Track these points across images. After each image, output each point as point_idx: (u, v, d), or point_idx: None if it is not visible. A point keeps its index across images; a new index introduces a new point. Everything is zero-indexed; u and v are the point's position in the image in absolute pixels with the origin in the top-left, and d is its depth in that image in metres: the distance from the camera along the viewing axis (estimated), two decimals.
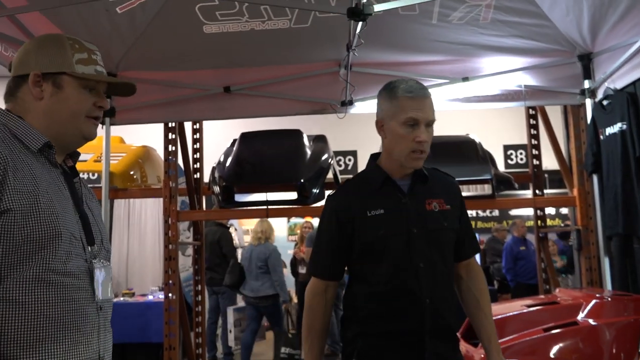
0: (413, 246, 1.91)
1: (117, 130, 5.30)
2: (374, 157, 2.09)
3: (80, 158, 1.63)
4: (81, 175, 1.60)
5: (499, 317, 3.16)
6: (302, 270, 7.50)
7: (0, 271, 1.28)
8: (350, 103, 4.40)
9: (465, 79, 4.31)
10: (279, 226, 9.96)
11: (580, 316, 3.06)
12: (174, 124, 4.80)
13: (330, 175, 4.88)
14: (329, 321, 2.05)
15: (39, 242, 1.31)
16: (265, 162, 4.68)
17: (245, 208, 4.90)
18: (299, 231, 8.04)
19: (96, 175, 5.63)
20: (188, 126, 5.44)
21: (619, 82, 3.82)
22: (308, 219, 9.59)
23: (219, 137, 6.65)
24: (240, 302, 7.29)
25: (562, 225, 9.84)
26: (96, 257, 1.46)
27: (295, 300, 7.99)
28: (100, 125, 1.66)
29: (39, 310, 1.30)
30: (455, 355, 2.01)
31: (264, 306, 6.43)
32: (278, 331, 6.66)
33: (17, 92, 1.46)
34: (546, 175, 6.11)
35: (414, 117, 1.90)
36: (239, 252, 7.61)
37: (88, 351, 1.39)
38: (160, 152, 5.22)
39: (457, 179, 2.15)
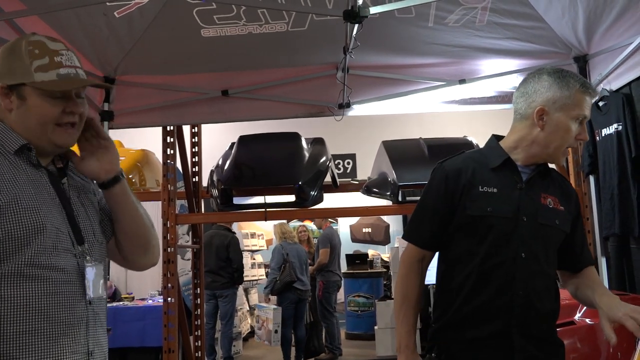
0: (519, 234, 1.84)
1: (115, 134, 5.29)
2: (497, 138, 2.03)
3: None
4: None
5: None
6: None
7: None
8: (348, 106, 4.41)
9: (462, 81, 4.32)
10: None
11: (577, 316, 3.07)
12: (172, 128, 4.81)
13: (328, 178, 4.89)
14: (422, 291, 1.98)
15: (21, 239, 1.33)
16: (264, 164, 4.68)
17: (243, 211, 4.91)
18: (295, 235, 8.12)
19: None
20: (186, 130, 5.45)
21: (615, 83, 3.84)
22: (307, 222, 9.63)
23: (217, 141, 6.67)
24: (240, 305, 7.35)
25: None
26: (86, 254, 1.46)
27: None
28: None
29: (22, 304, 1.32)
30: None
31: (305, 298, 7.18)
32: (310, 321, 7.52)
33: None
34: None
35: (586, 115, 1.85)
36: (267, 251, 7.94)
37: (74, 345, 1.40)
38: (158, 155, 5.24)
39: None
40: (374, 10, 2.99)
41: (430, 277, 2.04)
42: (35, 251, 1.34)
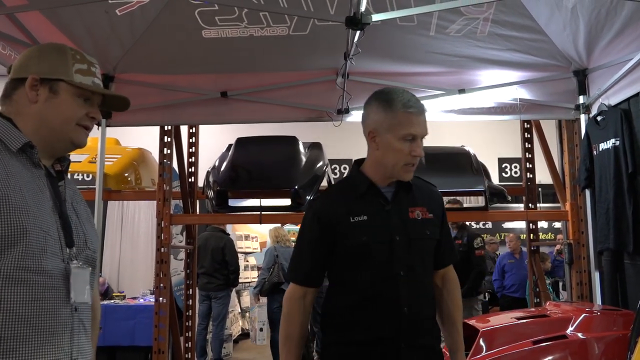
0: (395, 254, 1.90)
1: (112, 132, 5.30)
2: (358, 163, 2.07)
3: (75, 159, 1.65)
4: (75, 176, 1.61)
5: (489, 328, 3.17)
6: None
7: None
8: (347, 111, 4.41)
9: (462, 91, 4.33)
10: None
11: (570, 330, 3.07)
12: (170, 128, 4.80)
13: (324, 182, 4.89)
14: (307, 328, 2.03)
15: (9, 238, 1.31)
16: (260, 167, 4.68)
17: (238, 213, 4.90)
18: (292, 239, 8.11)
19: (90, 176, 5.61)
20: (184, 130, 5.44)
21: (613, 98, 3.85)
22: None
23: (214, 142, 6.66)
24: (231, 307, 7.32)
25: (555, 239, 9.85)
26: (75, 259, 1.45)
27: None
28: (95, 127, 1.67)
29: (6, 308, 1.29)
30: None
31: None
32: None
33: (12, 94, 1.49)
34: (540, 189, 6.14)
35: (413, 133, 1.90)
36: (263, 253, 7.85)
37: (57, 352, 1.37)
38: (155, 155, 5.22)
39: (451, 190, 2.15)
40: (376, 17, 2.99)
41: None
42: (23, 253, 1.32)
